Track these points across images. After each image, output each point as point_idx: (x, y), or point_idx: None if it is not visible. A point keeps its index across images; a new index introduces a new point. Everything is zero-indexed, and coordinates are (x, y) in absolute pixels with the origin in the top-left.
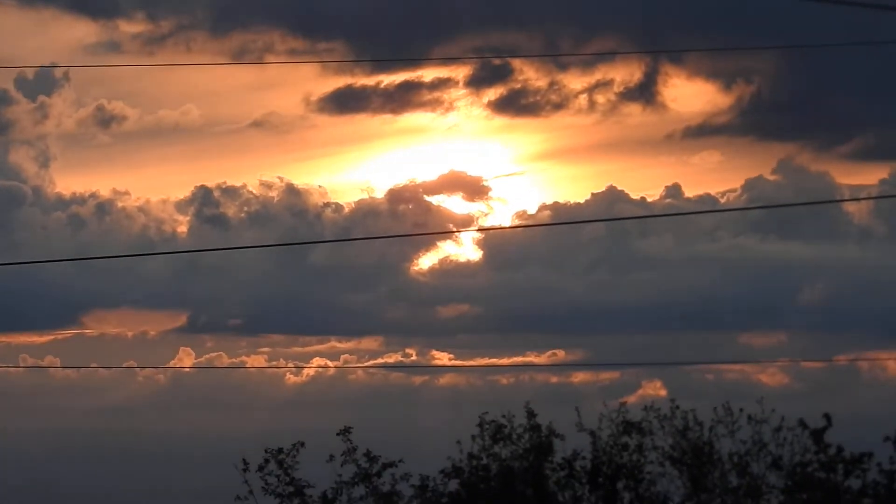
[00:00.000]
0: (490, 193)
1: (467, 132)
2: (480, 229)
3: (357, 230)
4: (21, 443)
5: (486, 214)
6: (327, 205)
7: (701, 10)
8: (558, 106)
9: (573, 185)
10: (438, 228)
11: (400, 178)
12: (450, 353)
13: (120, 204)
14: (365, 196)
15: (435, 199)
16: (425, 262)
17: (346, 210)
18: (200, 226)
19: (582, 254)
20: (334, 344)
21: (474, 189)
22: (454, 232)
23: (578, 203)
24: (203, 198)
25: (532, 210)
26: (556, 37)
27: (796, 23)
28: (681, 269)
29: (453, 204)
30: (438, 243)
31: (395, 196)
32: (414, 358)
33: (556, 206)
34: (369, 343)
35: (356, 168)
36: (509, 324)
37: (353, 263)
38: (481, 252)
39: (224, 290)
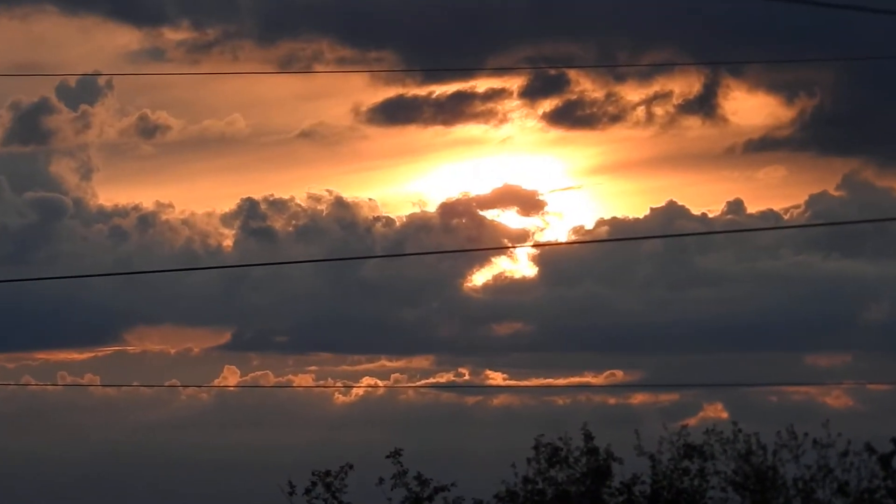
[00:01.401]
0: (546, 208)
1: (522, 144)
2: (536, 245)
3: (408, 245)
4: (57, 463)
5: (541, 229)
6: (377, 219)
7: (761, 21)
8: (615, 118)
9: (631, 200)
10: (492, 243)
11: (452, 192)
12: (504, 373)
13: (164, 216)
14: (416, 210)
15: (489, 214)
16: (479, 278)
17: (398, 224)
18: (246, 239)
19: (640, 270)
20: (384, 363)
21: (529, 203)
22: (509, 247)
23: (637, 218)
24: (249, 210)
25: (589, 225)
26: (611, 47)
27: (859, 34)
28: (742, 287)
29: (508, 218)
30: (492, 259)
31: (448, 210)
32: (467, 377)
33: (613, 222)
34: (420, 362)
35: (407, 181)
36: (565, 342)
37: (404, 279)
38: (537, 268)
39: (270, 307)
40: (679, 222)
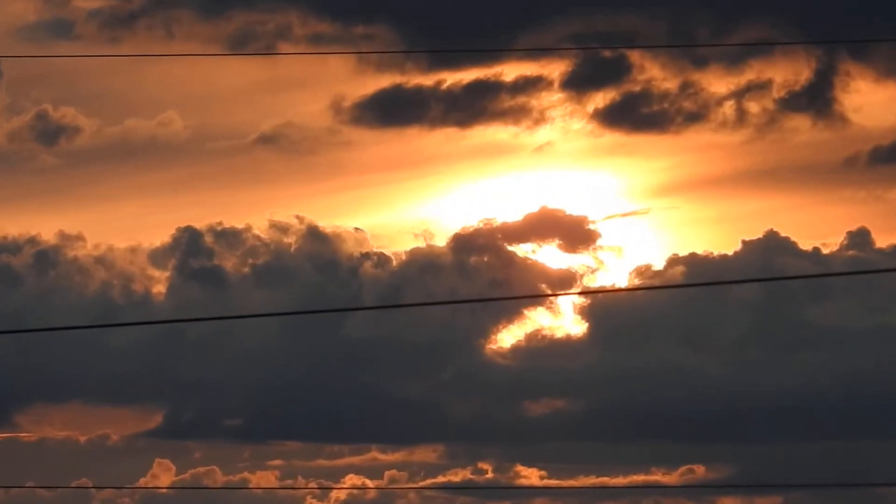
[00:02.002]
0: (598, 241)
1: (565, 154)
2: (585, 292)
3: (410, 292)
4: None
5: (592, 271)
6: (367, 255)
7: None
8: (694, 117)
9: (717, 230)
10: (526, 290)
11: (471, 219)
12: (541, 469)
13: (71, 252)
14: (421, 244)
15: (520, 249)
16: (507, 337)
17: (395, 263)
18: (185, 284)
19: (730, 326)
20: (376, 455)
21: (576, 234)
22: (548, 296)
23: (725, 255)
24: (189, 244)
25: (658, 265)
26: (689, 22)
27: None
28: (869, 347)
29: (547, 255)
30: (525, 311)
31: (464, 243)
32: (490, 475)
33: (692, 260)
34: (426, 453)
35: (408, 204)
36: (625, 427)
37: (404, 339)
38: (586, 324)
39: (218, 378)
40: (782, 259)
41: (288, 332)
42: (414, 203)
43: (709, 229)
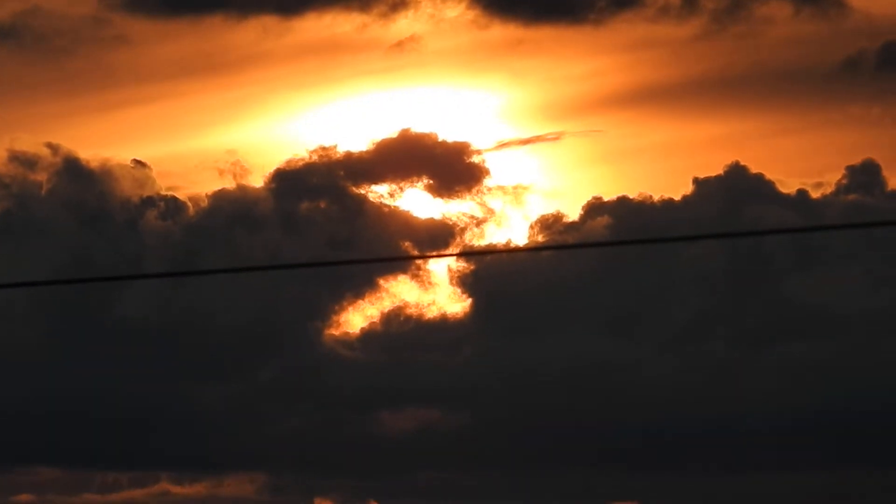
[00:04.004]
0: (486, 181)
1: (436, 54)
2: (467, 253)
3: (212, 253)
4: None
5: (478, 222)
6: (151, 200)
7: None
8: (624, 1)
9: (658, 166)
10: (381, 250)
11: (299, 148)
12: None
13: None
14: (229, 183)
15: (372, 191)
16: (353, 319)
17: (191, 211)
18: None
19: (676, 305)
20: (167, 487)
21: (453, 171)
22: (413, 258)
23: (670, 201)
24: None
25: (572, 214)
26: None
27: None
28: (878, 334)
29: (411, 201)
30: (381, 281)
31: (290, 184)
32: None
33: (621, 207)
34: (238, 485)
35: (210, 127)
36: (528, 449)
37: (204, 322)
38: (468, 299)
39: None
40: (754, 207)
41: (30, 311)
42: (217, 125)
43: (647, 164)
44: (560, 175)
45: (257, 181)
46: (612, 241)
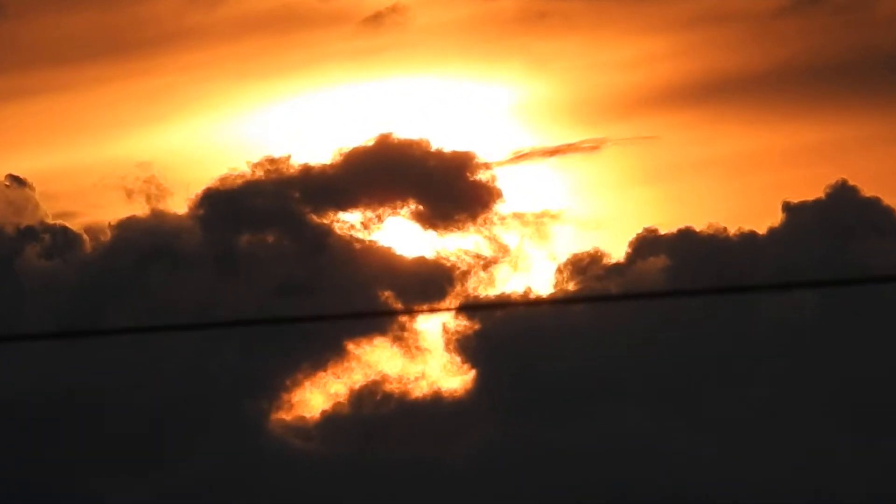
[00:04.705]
0: (497, 205)
1: (426, 32)
2: (468, 307)
3: (115, 302)
4: None
5: (485, 264)
6: (33, 231)
7: None
8: None
9: (734, 185)
10: (350, 298)
11: (237, 160)
12: None
13: None
14: (140, 209)
15: (341, 219)
16: (312, 394)
17: (88, 246)
18: None
19: (757, 378)
20: None
21: (453, 191)
22: (397, 314)
23: (751, 234)
24: None
25: (616, 251)
26: None
27: None
28: None
29: (394, 232)
30: (350, 345)
31: (227, 207)
32: None
33: (685, 241)
34: None
35: (113, 131)
36: None
37: (91, 390)
38: (471, 370)
39: None
40: (865, 243)
41: None
42: (126, 128)
43: (718, 183)
44: (599, 198)
45: (180, 206)
46: (671, 290)
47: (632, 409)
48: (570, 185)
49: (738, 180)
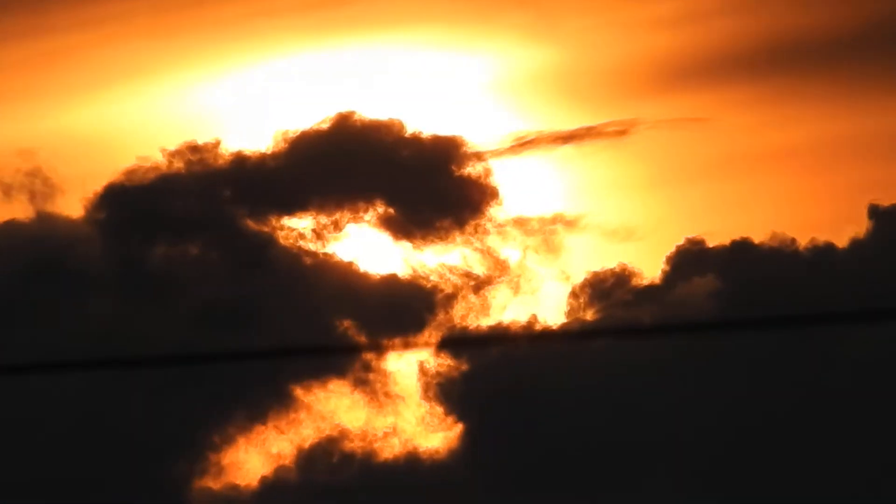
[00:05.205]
0: (493, 208)
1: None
2: (452, 341)
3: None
4: None
5: (476, 285)
6: None
7: None
8: None
9: (802, 186)
10: (299, 328)
11: (146, 148)
12: None
13: None
14: (22, 210)
15: (285, 226)
16: (248, 454)
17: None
18: None
19: (832, 404)
20: None
21: (433, 190)
22: (359, 349)
23: (828, 247)
24: None
25: (650, 269)
26: None
27: None
28: None
29: (357, 243)
30: (299, 392)
31: (130, 207)
32: None
33: (738, 255)
34: None
35: (25, 104)
36: None
37: None
38: (456, 423)
39: None
40: None
41: None
42: (3, 108)
43: (784, 181)
44: (627, 200)
45: (74, 207)
46: (722, 320)
47: (669, 487)
48: (588, 182)
49: (811, 178)
